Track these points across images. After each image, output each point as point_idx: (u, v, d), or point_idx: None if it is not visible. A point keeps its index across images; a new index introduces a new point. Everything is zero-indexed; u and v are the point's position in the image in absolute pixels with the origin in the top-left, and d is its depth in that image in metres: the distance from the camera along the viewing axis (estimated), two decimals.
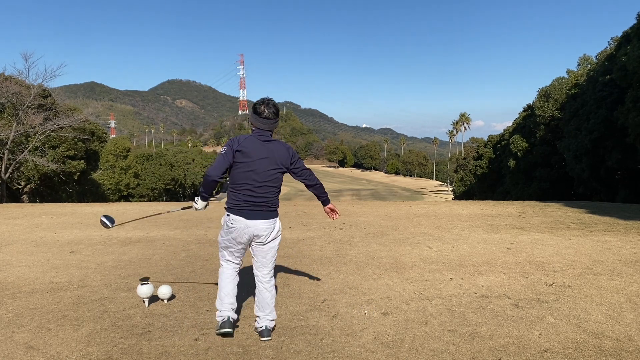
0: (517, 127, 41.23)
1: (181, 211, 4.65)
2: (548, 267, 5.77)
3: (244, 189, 3.47)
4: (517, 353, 3.36)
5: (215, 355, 3.39)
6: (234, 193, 3.51)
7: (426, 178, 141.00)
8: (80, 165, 33.50)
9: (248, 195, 3.46)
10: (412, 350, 3.43)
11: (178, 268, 5.91)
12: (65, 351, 3.46)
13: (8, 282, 5.34)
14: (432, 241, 7.45)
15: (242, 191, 3.47)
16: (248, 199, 3.46)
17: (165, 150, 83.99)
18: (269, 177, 3.49)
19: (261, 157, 3.46)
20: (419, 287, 5.00)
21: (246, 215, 3.48)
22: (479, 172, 49.55)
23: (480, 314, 4.16)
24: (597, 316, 4.07)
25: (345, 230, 8.72)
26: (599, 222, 9.24)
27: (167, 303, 4.53)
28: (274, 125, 3.57)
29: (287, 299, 4.61)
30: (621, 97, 22.26)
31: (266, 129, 3.53)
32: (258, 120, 3.51)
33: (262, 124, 3.51)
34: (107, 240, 7.87)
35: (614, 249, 6.79)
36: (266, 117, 3.50)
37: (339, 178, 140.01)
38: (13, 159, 26.14)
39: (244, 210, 3.48)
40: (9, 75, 26.07)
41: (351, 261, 6.17)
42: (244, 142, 3.46)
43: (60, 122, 26.67)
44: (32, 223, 9.99)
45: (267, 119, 3.51)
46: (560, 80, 34.27)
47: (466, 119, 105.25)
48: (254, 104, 3.59)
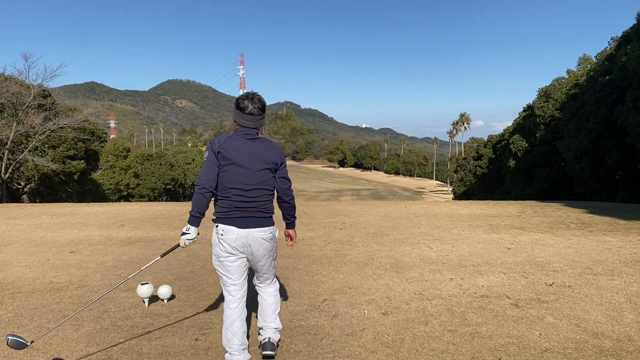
0: (517, 127, 41.23)
1: (163, 257, 3.77)
2: (548, 267, 5.77)
3: (232, 194, 3.06)
4: (517, 353, 3.36)
5: (215, 355, 3.39)
6: (222, 200, 3.10)
7: (426, 178, 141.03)
8: (80, 165, 33.49)
9: (237, 201, 3.06)
10: (412, 350, 3.43)
11: (178, 268, 5.91)
12: (65, 351, 3.46)
13: (8, 282, 5.35)
14: (432, 241, 7.45)
15: (230, 197, 3.07)
16: (238, 205, 3.06)
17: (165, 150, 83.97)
18: (259, 178, 3.10)
19: (248, 157, 3.07)
20: (419, 287, 5.00)
21: (237, 223, 3.06)
22: (479, 172, 49.56)
23: (480, 314, 4.16)
24: (597, 316, 4.07)
25: (345, 230, 8.71)
26: (599, 222, 9.24)
27: (167, 303, 4.53)
28: (260, 122, 3.18)
29: (287, 299, 4.61)
30: (621, 97, 22.26)
31: (251, 126, 3.14)
32: (242, 117, 3.12)
33: (246, 121, 3.12)
34: (107, 240, 7.87)
35: (614, 249, 6.79)
36: (250, 112, 3.11)
37: (339, 178, 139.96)
38: (13, 159, 26.15)
39: (234, 218, 3.06)
40: (9, 75, 26.10)
41: (351, 261, 6.17)
42: (226, 143, 3.07)
43: (60, 122, 26.69)
44: (32, 223, 9.99)
45: (251, 115, 3.12)
46: (560, 80, 34.27)
47: (466, 119, 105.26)
48: (237, 98, 3.22)
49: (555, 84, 34.21)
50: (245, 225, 3.07)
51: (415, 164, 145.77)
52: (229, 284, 3.20)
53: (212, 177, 3.05)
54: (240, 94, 3.25)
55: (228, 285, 3.21)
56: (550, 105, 33.44)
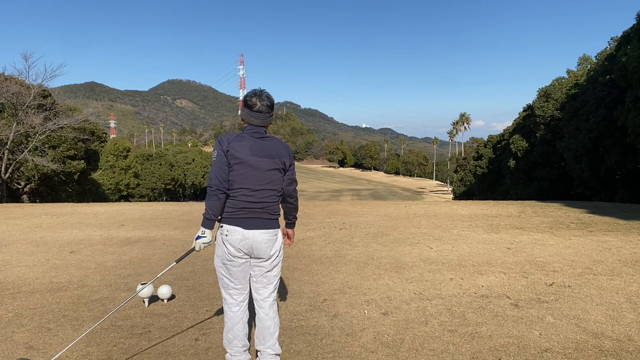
0: (517, 127, 41.23)
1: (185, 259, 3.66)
2: (548, 267, 5.77)
3: (240, 194, 2.99)
4: (517, 353, 3.36)
5: (215, 355, 3.39)
6: (229, 200, 3.03)
7: (426, 178, 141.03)
8: (80, 165, 33.49)
9: (244, 202, 2.99)
10: (412, 350, 3.43)
11: (178, 268, 5.91)
12: (65, 351, 3.46)
13: (8, 282, 5.35)
14: (432, 241, 7.45)
15: (237, 197, 2.99)
16: (245, 205, 2.99)
17: (165, 150, 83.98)
18: (268, 178, 3.03)
19: (257, 156, 2.99)
20: (419, 287, 5.00)
21: (243, 224, 2.99)
22: (479, 172, 49.54)
23: (480, 314, 4.16)
24: (597, 316, 4.07)
25: (345, 230, 8.72)
26: (599, 222, 9.24)
27: (167, 303, 4.53)
28: (269, 120, 3.09)
29: (287, 299, 4.61)
30: (621, 97, 22.27)
31: (260, 124, 3.05)
32: (250, 115, 3.03)
33: (255, 119, 3.03)
34: (107, 240, 7.87)
35: (614, 249, 6.79)
36: (259, 110, 3.02)
37: (339, 178, 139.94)
38: (13, 159, 26.16)
39: (240, 218, 2.99)
40: (9, 75, 26.11)
41: (351, 261, 6.17)
42: (235, 141, 2.99)
43: (60, 122, 26.71)
44: (32, 223, 9.99)
45: (259, 113, 3.02)
46: (560, 80, 34.27)
47: (466, 119, 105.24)
48: (245, 96, 3.11)
49: (555, 84, 34.21)
50: (251, 226, 3.00)
51: (415, 164, 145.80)
52: (231, 287, 3.12)
53: (224, 178, 2.96)
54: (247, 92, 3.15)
55: (230, 288, 3.12)
56: (550, 105, 33.43)
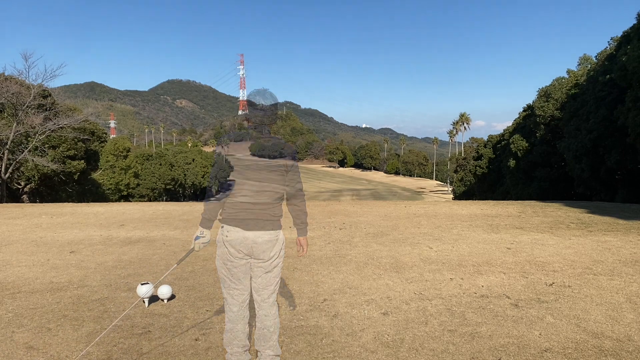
0: (517, 127, 41.23)
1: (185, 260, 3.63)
2: (548, 267, 5.77)
3: (239, 195, 2.99)
4: (517, 353, 3.36)
5: (215, 355, 3.39)
6: (229, 201, 3.03)
7: (426, 178, 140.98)
8: (80, 165, 33.49)
9: (245, 202, 2.99)
10: (412, 350, 3.43)
11: (178, 268, 5.91)
12: (65, 351, 3.46)
13: (8, 282, 5.35)
14: (432, 241, 7.45)
15: (237, 198, 3.00)
16: (245, 206, 2.99)
17: (165, 150, 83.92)
18: (269, 179, 3.02)
19: (258, 156, 2.98)
20: (419, 287, 5.00)
21: (244, 225, 2.98)
22: (479, 172, 49.54)
23: (480, 314, 4.16)
24: (597, 316, 4.07)
25: (345, 230, 8.72)
26: (599, 222, 9.24)
27: (167, 303, 4.53)
28: (272, 119, 3.09)
29: (287, 299, 4.61)
30: (621, 97, 22.26)
31: (262, 122, 3.05)
32: (253, 113, 3.05)
33: (257, 117, 3.04)
34: (107, 240, 7.87)
35: (614, 249, 6.79)
36: (261, 108, 3.03)
37: (339, 178, 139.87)
38: (13, 159, 26.15)
39: (240, 219, 2.98)
40: (9, 75, 26.10)
41: (351, 261, 6.17)
42: (236, 141, 3.02)
43: (60, 122, 26.70)
44: (32, 223, 9.99)
45: (262, 111, 3.03)
46: (560, 80, 34.26)
47: (466, 119, 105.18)
48: (248, 95, 3.13)
49: (555, 84, 34.20)
50: (251, 227, 2.99)
51: (415, 164, 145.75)
52: (232, 287, 3.10)
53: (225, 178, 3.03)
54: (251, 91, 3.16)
55: (231, 288, 3.10)
56: (550, 105, 33.43)
